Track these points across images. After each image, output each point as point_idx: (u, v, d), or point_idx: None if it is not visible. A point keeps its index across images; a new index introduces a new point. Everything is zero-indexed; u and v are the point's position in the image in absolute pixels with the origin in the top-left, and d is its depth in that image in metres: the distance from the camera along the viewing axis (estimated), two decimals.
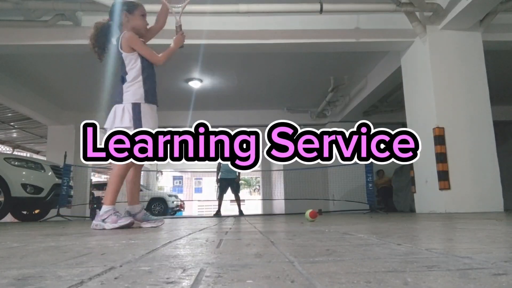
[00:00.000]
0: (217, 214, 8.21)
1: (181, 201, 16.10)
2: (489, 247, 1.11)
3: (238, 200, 8.57)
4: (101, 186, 15.02)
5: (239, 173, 8.51)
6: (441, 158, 5.18)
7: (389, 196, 9.38)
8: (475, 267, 0.76)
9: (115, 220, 2.70)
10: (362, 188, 7.92)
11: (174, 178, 30.46)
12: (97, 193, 13.23)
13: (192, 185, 30.85)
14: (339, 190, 9.33)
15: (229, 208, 19.50)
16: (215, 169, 8.68)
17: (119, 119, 2.77)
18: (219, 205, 8.43)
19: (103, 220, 2.71)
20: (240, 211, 8.42)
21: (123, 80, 2.89)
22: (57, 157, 8.07)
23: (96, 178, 20.41)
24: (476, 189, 5.11)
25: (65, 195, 6.74)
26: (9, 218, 6.97)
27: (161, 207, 14.15)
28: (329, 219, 4.15)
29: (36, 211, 7.11)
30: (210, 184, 28.93)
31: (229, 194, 8.59)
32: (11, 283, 0.70)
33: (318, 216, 3.57)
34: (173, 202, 14.81)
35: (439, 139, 5.23)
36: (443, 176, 5.13)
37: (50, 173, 6.50)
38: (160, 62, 2.93)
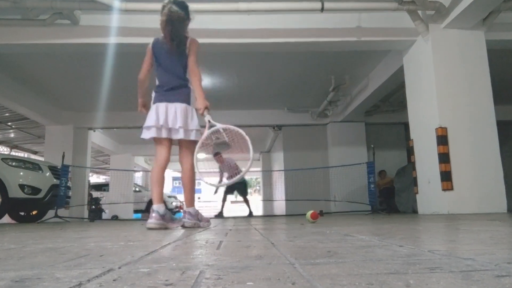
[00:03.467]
0: (220, 215, 8.21)
1: (180, 202, 16.08)
2: (492, 248, 1.10)
3: (246, 201, 8.61)
4: (99, 187, 14.99)
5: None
6: (444, 158, 5.15)
7: (391, 197, 9.36)
8: (478, 269, 0.75)
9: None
10: (364, 188, 7.90)
11: (174, 178, 30.46)
12: (95, 194, 13.20)
13: None
14: (340, 191, 9.30)
15: (230, 208, 19.51)
16: (217, 170, 8.70)
17: (190, 119, 2.95)
18: (222, 206, 8.43)
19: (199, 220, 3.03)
20: (250, 212, 8.46)
21: (185, 83, 2.99)
22: (55, 158, 8.04)
23: (94, 179, 20.41)
24: (479, 189, 5.08)
25: (63, 196, 6.72)
26: (6, 219, 6.95)
27: None
28: (331, 220, 4.15)
29: (34, 212, 7.08)
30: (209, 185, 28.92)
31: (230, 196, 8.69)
32: (9, 285, 0.69)
33: (319, 217, 3.56)
34: (172, 203, 14.81)
35: (442, 139, 5.20)
36: (446, 177, 5.11)
37: (48, 173, 6.47)
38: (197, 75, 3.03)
